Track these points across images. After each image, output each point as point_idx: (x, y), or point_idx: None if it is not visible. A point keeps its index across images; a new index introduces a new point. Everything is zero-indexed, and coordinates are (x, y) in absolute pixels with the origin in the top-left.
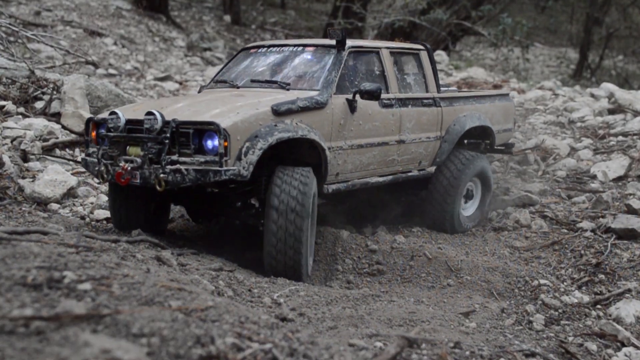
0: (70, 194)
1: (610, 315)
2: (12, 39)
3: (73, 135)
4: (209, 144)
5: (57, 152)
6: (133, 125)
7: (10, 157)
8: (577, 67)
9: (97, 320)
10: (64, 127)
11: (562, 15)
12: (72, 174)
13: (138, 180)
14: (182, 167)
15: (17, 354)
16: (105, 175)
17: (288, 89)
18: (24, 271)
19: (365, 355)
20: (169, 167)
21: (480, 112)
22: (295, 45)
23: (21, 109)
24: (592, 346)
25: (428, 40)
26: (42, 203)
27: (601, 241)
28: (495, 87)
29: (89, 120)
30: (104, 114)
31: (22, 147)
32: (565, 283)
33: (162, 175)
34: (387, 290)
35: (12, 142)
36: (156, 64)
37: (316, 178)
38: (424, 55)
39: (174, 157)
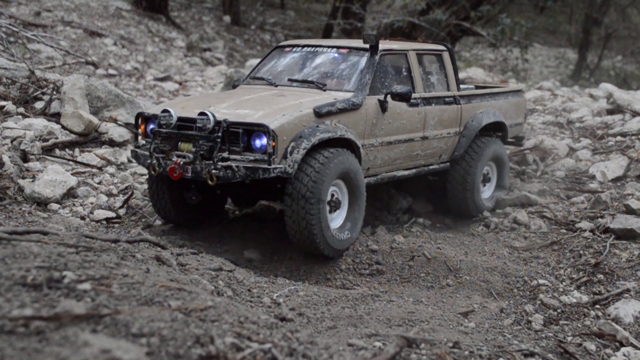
0: (70, 194)
1: (609, 315)
2: (12, 39)
3: (73, 136)
4: (257, 143)
5: (57, 152)
6: (184, 122)
7: (10, 157)
8: (576, 68)
9: (97, 320)
10: (63, 127)
11: (561, 15)
12: (72, 174)
13: (190, 175)
14: (233, 164)
15: (17, 354)
16: (157, 168)
17: (325, 90)
18: (24, 271)
19: (364, 355)
20: (220, 163)
21: (495, 108)
22: (329, 47)
23: (21, 109)
24: (591, 346)
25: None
26: (42, 203)
27: (600, 241)
28: (494, 87)
29: (138, 115)
30: (154, 110)
31: (22, 147)
32: (564, 283)
33: (214, 171)
34: (386, 290)
35: (12, 142)
36: (156, 64)
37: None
38: (446, 55)
39: (225, 155)
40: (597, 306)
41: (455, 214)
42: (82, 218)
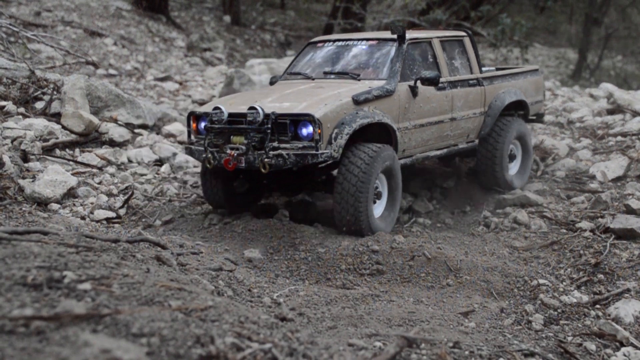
0: (70, 194)
1: (609, 315)
2: (12, 39)
3: (73, 136)
4: (304, 131)
5: (57, 152)
6: (234, 117)
7: (10, 157)
8: (576, 68)
9: (97, 320)
10: (64, 127)
11: (561, 15)
12: (72, 174)
13: (243, 165)
14: (284, 152)
15: (17, 354)
16: (212, 161)
17: (359, 79)
18: (24, 271)
19: (364, 355)
20: (272, 152)
21: (516, 88)
22: (359, 40)
23: (21, 109)
24: (591, 346)
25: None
26: (42, 203)
27: (600, 241)
28: None
29: (190, 114)
30: (204, 109)
31: (23, 147)
32: (564, 283)
33: (266, 159)
34: (386, 290)
35: (12, 142)
36: (156, 64)
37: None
38: (467, 41)
39: (275, 144)
40: (598, 306)
41: (484, 188)
42: (83, 218)
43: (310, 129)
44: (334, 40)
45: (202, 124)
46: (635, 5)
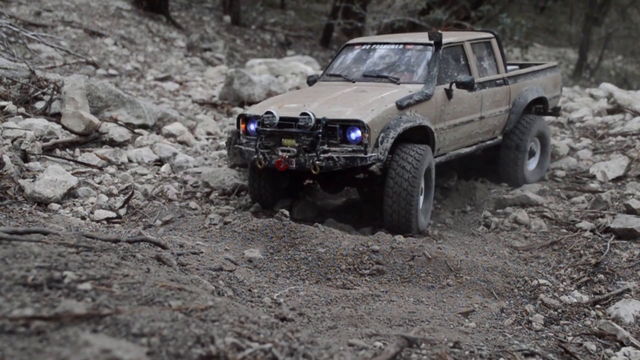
0: (71, 194)
1: (609, 315)
2: (12, 39)
3: (73, 136)
4: (353, 136)
5: (58, 152)
6: (285, 121)
7: (10, 157)
8: (576, 67)
9: (97, 320)
10: (64, 127)
11: (561, 15)
12: (72, 174)
13: (294, 166)
14: (334, 155)
15: (17, 354)
16: (262, 162)
17: (398, 83)
18: (25, 271)
19: (365, 355)
20: (322, 155)
21: (537, 85)
22: (396, 43)
23: (22, 109)
24: (592, 346)
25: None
26: (42, 203)
27: (600, 241)
28: None
29: (240, 116)
30: (254, 111)
31: (23, 147)
32: (564, 283)
33: (317, 162)
34: (386, 290)
35: (12, 142)
36: (156, 64)
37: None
38: (494, 42)
39: (325, 147)
40: (598, 306)
41: (503, 181)
42: (83, 218)
43: (358, 133)
44: (371, 43)
45: (252, 126)
46: (635, 5)
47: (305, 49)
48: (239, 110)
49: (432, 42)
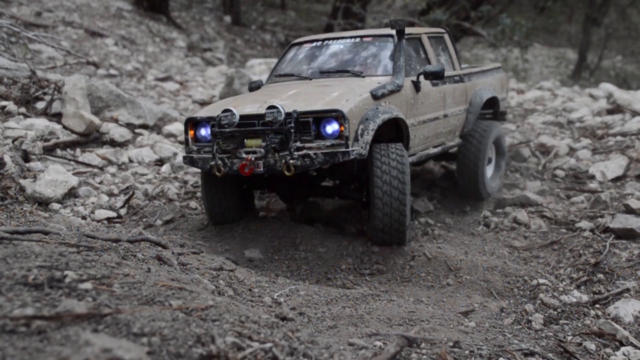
0: (71, 193)
1: (608, 315)
2: (13, 39)
3: (74, 136)
4: (329, 129)
5: (58, 152)
6: (246, 119)
7: (11, 157)
8: (576, 68)
9: (98, 320)
10: (65, 127)
11: (561, 15)
12: (73, 174)
13: (261, 169)
14: (311, 152)
15: (18, 353)
16: (222, 168)
17: (363, 77)
18: (25, 270)
19: (365, 355)
20: (297, 153)
21: (488, 85)
22: (352, 37)
23: (22, 109)
24: (591, 345)
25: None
26: (43, 203)
27: (600, 241)
28: None
29: (188, 120)
30: (206, 113)
31: (24, 147)
32: (564, 282)
33: (291, 161)
34: (386, 290)
35: (13, 142)
36: (157, 65)
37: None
38: (447, 37)
39: (298, 144)
40: (597, 306)
41: (463, 196)
42: (83, 218)
43: (335, 126)
44: (323, 40)
45: (203, 130)
46: (634, 5)
47: None
48: None
49: (393, 32)
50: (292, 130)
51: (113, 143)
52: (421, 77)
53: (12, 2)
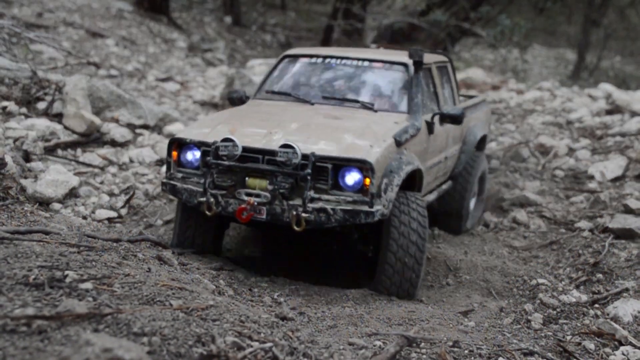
0: (72, 194)
1: (608, 314)
2: (14, 40)
3: (75, 136)
4: (349, 179)
5: (59, 152)
6: (249, 152)
7: (12, 157)
8: (575, 68)
9: (99, 320)
10: (66, 127)
11: (560, 16)
12: (74, 174)
13: (264, 217)
14: (328, 207)
15: (19, 353)
16: (213, 207)
17: (375, 110)
18: (26, 270)
19: (364, 354)
20: (311, 205)
21: (480, 120)
22: (359, 59)
23: (23, 110)
24: (590, 345)
25: (427, 41)
26: (44, 203)
27: (599, 241)
28: (494, 87)
29: (173, 142)
30: (196, 135)
31: (25, 147)
32: (563, 282)
33: (304, 214)
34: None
35: (14, 142)
36: (157, 65)
37: None
38: (449, 66)
39: (313, 194)
40: (596, 305)
41: (445, 229)
42: (84, 218)
43: (356, 176)
44: (324, 57)
45: (190, 154)
46: (634, 6)
47: None
48: None
49: (406, 59)
50: (309, 177)
51: (114, 143)
52: (436, 118)
53: (14, 3)
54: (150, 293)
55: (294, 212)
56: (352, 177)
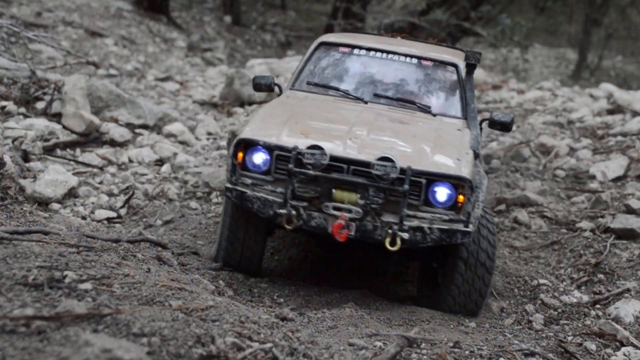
0: (71, 194)
1: (609, 315)
2: (13, 39)
3: (74, 136)
4: (440, 195)
5: (58, 152)
6: (334, 161)
7: (11, 157)
8: (576, 68)
9: (98, 320)
10: (64, 127)
11: (561, 16)
12: (73, 174)
13: (352, 233)
14: (425, 225)
15: (18, 354)
16: (295, 221)
17: (434, 115)
18: (25, 271)
19: (365, 355)
20: (407, 224)
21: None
22: (407, 55)
23: (22, 109)
24: (591, 346)
25: (427, 41)
26: (43, 203)
27: (600, 241)
28: (495, 87)
29: (240, 142)
30: (267, 137)
31: (23, 147)
32: (564, 283)
33: (400, 233)
34: (387, 289)
35: (13, 142)
36: (157, 65)
37: None
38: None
39: (409, 212)
40: (598, 306)
41: None
42: (83, 218)
43: (447, 192)
44: (367, 48)
45: (258, 157)
46: (635, 5)
47: (305, 49)
48: (240, 111)
49: (455, 59)
50: (406, 193)
51: (113, 143)
52: (485, 124)
53: (12, 2)
54: (149, 293)
55: (389, 230)
56: (443, 193)
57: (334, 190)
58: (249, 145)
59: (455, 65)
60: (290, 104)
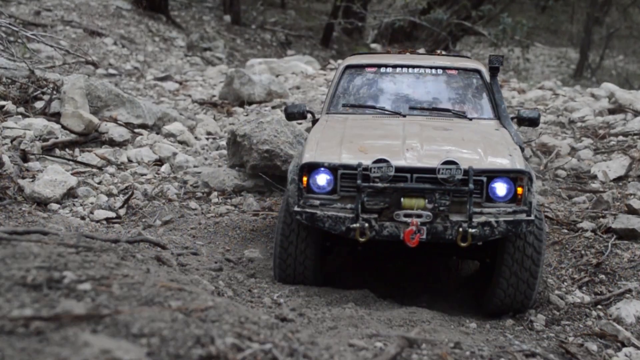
0: (70, 194)
1: (610, 316)
2: (12, 38)
3: (73, 135)
4: (500, 190)
5: (57, 152)
6: (399, 172)
7: (10, 157)
8: (577, 67)
9: (97, 321)
10: (63, 127)
11: (562, 15)
12: (72, 174)
13: (424, 237)
14: (492, 220)
15: (16, 354)
16: (367, 233)
17: (470, 119)
18: (24, 271)
19: (365, 356)
20: (476, 220)
21: None
22: (431, 67)
23: (21, 109)
24: (593, 346)
25: (428, 40)
26: (41, 203)
27: (602, 241)
28: None
29: (304, 167)
30: (333, 158)
31: (22, 147)
32: (565, 283)
33: (470, 230)
34: (387, 290)
35: (12, 142)
36: (156, 64)
37: None
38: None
39: (475, 209)
40: (599, 306)
41: None
42: (82, 218)
43: (506, 186)
44: (393, 66)
45: (322, 178)
46: (636, 4)
47: (305, 48)
48: (239, 110)
49: (476, 65)
50: (472, 192)
51: (112, 143)
52: (514, 122)
53: (11, 1)
54: (149, 294)
55: (459, 229)
56: (502, 188)
57: (402, 199)
58: (312, 169)
59: (478, 71)
60: (335, 127)
